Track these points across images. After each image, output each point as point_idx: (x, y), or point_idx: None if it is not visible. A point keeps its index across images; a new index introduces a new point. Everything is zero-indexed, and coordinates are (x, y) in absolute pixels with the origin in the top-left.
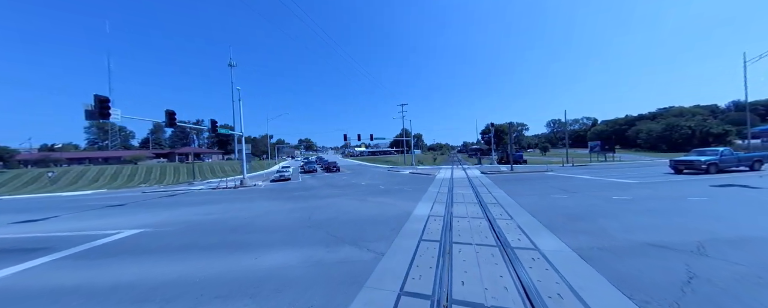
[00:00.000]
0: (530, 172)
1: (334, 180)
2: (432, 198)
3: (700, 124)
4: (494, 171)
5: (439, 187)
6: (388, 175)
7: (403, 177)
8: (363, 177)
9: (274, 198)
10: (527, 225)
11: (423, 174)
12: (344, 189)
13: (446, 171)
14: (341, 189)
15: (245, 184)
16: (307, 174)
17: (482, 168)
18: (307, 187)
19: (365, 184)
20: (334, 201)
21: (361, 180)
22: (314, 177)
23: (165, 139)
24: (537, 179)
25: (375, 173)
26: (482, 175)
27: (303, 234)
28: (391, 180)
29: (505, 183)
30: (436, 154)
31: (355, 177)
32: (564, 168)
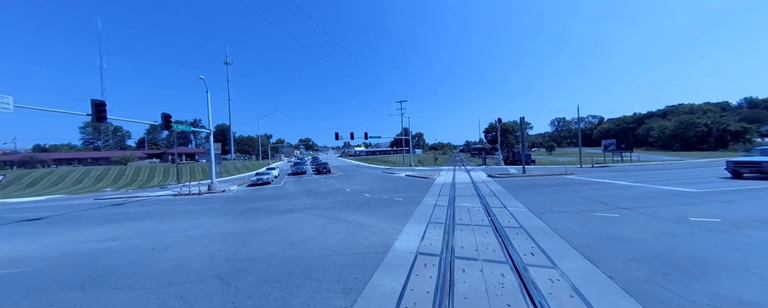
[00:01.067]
0: (546, 176)
1: (317, 185)
2: (426, 215)
3: (717, 121)
4: (503, 173)
5: (436, 197)
6: (381, 179)
7: (397, 182)
8: (351, 181)
9: (223, 212)
10: (588, 283)
11: (420, 177)
12: (321, 197)
13: (447, 174)
14: (318, 197)
15: (213, 189)
16: (294, 177)
17: (488, 169)
18: (280, 195)
19: (349, 191)
20: (295, 219)
21: (347, 185)
22: (299, 181)
23: (162, 139)
24: (559, 185)
25: (367, 176)
26: (490, 180)
27: (192, 295)
28: (382, 186)
29: (521, 192)
30: (438, 153)
31: (342, 180)
32: (584, 170)
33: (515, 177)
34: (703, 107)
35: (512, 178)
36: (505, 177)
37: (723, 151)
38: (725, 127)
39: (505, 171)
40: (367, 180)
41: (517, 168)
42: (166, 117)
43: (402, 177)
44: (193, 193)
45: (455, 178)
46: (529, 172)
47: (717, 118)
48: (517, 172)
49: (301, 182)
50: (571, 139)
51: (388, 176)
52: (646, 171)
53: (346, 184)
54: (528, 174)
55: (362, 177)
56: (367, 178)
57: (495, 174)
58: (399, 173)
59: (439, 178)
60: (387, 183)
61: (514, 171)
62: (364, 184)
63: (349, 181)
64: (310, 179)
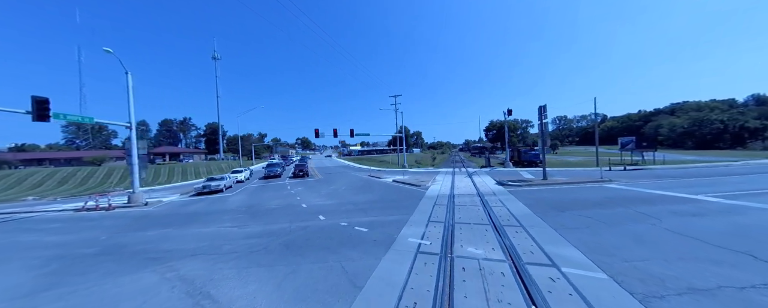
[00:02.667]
0: (577, 184)
1: (273, 197)
2: (393, 286)
3: (734, 117)
4: (516, 179)
5: (423, 227)
6: (360, 186)
7: (379, 192)
8: (321, 190)
9: (72, 250)
10: None
11: (410, 184)
12: (250, 222)
13: (445, 179)
14: (246, 222)
15: (134, 202)
16: (262, 182)
17: (494, 173)
18: (201, 214)
19: (305, 208)
20: (154, 282)
21: (310, 197)
22: (258, 190)
23: (150, 138)
24: (611, 203)
25: (347, 181)
26: (501, 190)
27: None
28: (355, 199)
29: (561, 218)
30: (436, 152)
31: (312, 189)
32: (615, 173)
33: (536, 186)
34: (710, 104)
35: (533, 188)
36: (521, 185)
37: (742, 150)
38: (742, 124)
39: (516, 175)
40: (342, 189)
41: (529, 171)
42: (39, 102)
43: (388, 183)
44: (101, 207)
45: (454, 187)
46: (551, 178)
47: (734, 114)
48: (536, 179)
49: (260, 191)
50: (572, 137)
51: (371, 182)
52: (709, 177)
53: (311, 195)
54: (551, 182)
55: (339, 184)
56: (344, 186)
57: (506, 180)
58: (387, 177)
59: (434, 186)
60: (364, 195)
61: (528, 175)
62: (334, 196)
63: (318, 190)
64: (277, 186)
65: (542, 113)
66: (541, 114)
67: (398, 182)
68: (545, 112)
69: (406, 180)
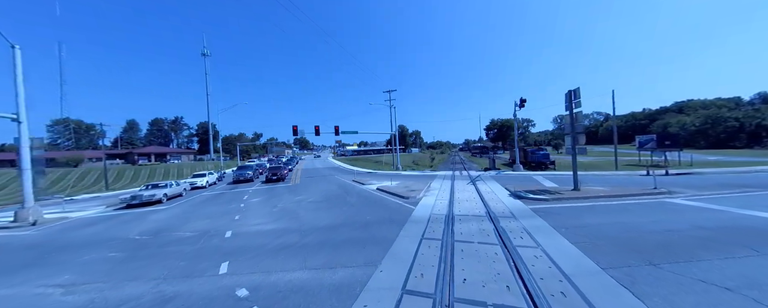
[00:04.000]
0: (625, 197)
1: (208, 214)
2: None
3: (750, 115)
4: (535, 188)
5: (394, 303)
6: (331, 198)
7: (348, 209)
8: (280, 202)
9: None
10: None
11: (395, 195)
12: (123, 266)
13: (442, 186)
14: (116, 266)
15: (21, 220)
16: (229, 187)
17: (502, 177)
18: (91, 242)
19: (226, 239)
20: None
21: (256, 215)
22: (213, 199)
23: (140, 138)
24: (730, 242)
25: (321, 190)
26: (520, 207)
27: None
28: (308, 223)
29: (667, 287)
30: (435, 152)
31: (272, 199)
32: (667, 180)
33: (568, 200)
34: (717, 103)
35: (566, 205)
36: (547, 199)
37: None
38: (759, 122)
39: (532, 182)
40: (306, 202)
41: (544, 176)
42: None
43: (370, 192)
44: None
45: (454, 201)
46: (584, 187)
47: (749, 112)
48: (562, 188)
49: (205, 203)
50: None
51: (350, 190)
52: None
53: (258, 213)
54: (587, 194)
55: (309, 193)
56: (315, 196)
57: (523, 190)
58: (372, 183)
59: (426, 200)
60: (328, 213)
61: (549, 183)
62: (287, 215)
63: (276, 203)
64: (235, 194)
65: (572, 99)
66: (571, 100)
67: (383, 191)
68: (577, 97)
69: (393, 188)
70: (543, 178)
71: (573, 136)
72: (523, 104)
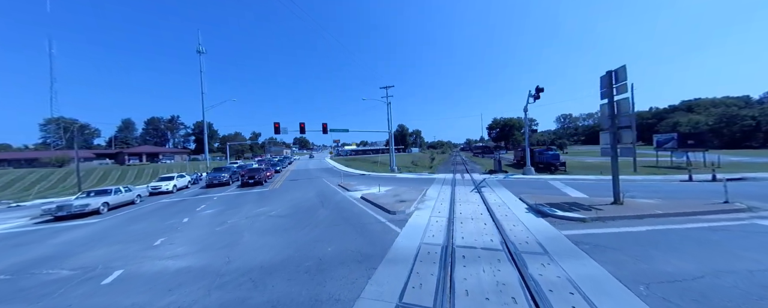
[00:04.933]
0: (691, 217)
1: (131, 235)
2: None
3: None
4: (558, 200)
5: None
6: (300, 211)
7: (312, 231)
8: (234, 216)
9: None
10: None
11: (380, 208)
12: None
13: (440, 195)
14: None
15: None
16: (204, 190)
17: (512, 183)
18: None
19: (102, 286)
20: None
21: (188, 239)
22: (161, 210)
23: (135, 138)
24: None
25: (295, 198)
26: (550, 231)
27: None
28: (246, 256)
29: None
30: (436, 152)
31: (228, 211)
32: (716, 188)
33: (619, 222)
34: (726, 101)
35: (623, 231)
36: (583, 219)
37: None
38: None
39: (551, 190)
40: (265, 217)
41: (563, 181)
42: None
43: (351, 202)
44: None
45: (454, 222)
46: (628, 200)
47: (766, 110)
48: (596, 199)
49: (147, 216)
50: (578, 136)
51: (328, 199)
52: None
53: (193, 235)
54: (638, 211)
55: (278, 203)
56: (282, 207)
57: (546, 204)
58: (358, 189)
59: (419, 215)
60: (280, 237)
61: (575, 192)
62: (225, 241)
63: (228, 217)
64: (193, 202)
65: (613, 83)
66: (611, 85)
67: (367, 201)
68: (621, 79)
69: (380, 197)
70: (561, 184)
71: (613, 132)
72: (539, 95)
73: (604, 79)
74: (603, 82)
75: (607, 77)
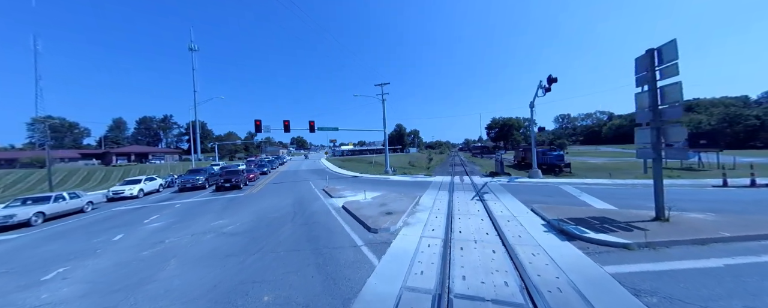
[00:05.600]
0: (764, 242)
1: (25, 262)
2: None
3: None
4: (585, 215)
5: None
6: (255, 230)
7: (257, 260)
8: (179, 232)
9: None
10: None
11: (362, 223)
12: None
13: (435, 202)
14: None
15: None
16: (177, 194)
17: (519, 189)
18: None
19: None
20: None
21: (80, 273)
22: (100, 224)
23: (126, 138)
24: None
25: (265, 207)
26: (597, 274)
27: None
28: (172, 291)
29: None
30: (434, 152)
31: (178, 224)
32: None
33: (677, 251)
34: (725, 101)
35: (691, 268)
36: (635, 252)
37: None
38: None
39: (575, 202)
40: (213, 236)
41: (572, 184)
42: None
43: (328, 213)
44: None
45: (452, 247)
46: (675, 217)
47: None
48: (628, 213)
49: (90, 227)
50: (576, 136)
51: (306, 207)
52: None
53: (101, 266)
54: (697, 234)
55: (246, 213)
56: (246, 218)
57: (569, 220)
58: (342, 195)
59: (407, 235)
60: (217, 268)
61: (598, 202)
62: (134, 276)
63: (172, 234)
64: (154, 209)
65: (654, 65)
66: (652, 66)
67: (348, 212)
68: (666, 59)
69: (364, 208)
70: (576, 190)
71: (656, 128)
72: (550, 87)
73: (643, 61)
74: (640, 65)
75: (646, 58)
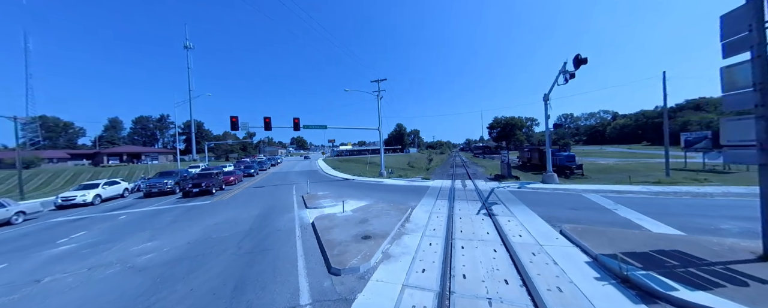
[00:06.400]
0: None
1: None
2: None
3: None
4: (648, 248)
5: None
6: (189, 259)
7: None
8: (87, 260)
9: None
10: None
11: (326, 252)
12: None
13: (431, 218)
14: None
15: None
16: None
17: (530, 196)
18: None
19: None
20: None
21: None
22: None
23: (122, 137)
24: None
25: (221, 222)
26: None
27: None
28: None
29: None
30: (434, 152)
31: (75, 253)
32: None
33: None
34: None
35: None
36: None
37: None
38: None
39: (618, 221)
40: (115, 268)
41: (596, 191)
42: None
43: (288, 233)
44: None
45: None
46: None
47: None
48: (706, 242)
49: None
50: (579, 136)
51: (270, 222)
52: None
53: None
54: None
55: (193, 231)
56: (188, 238)
57: (631, 258)
58: (317, 207)
59: (379, 286)
60: None
61: (654, 225)
62: None
63: (73, 262)
64: (92, 220)
65: (759, 23)
66: (761, 22)
67: (315, 231)
68: None
69: (335, 228)
70: (607, 201)
71: (765, 117)
72: (574, 74)
73: (741, 15)
74: (734, 22)
75: (750, 8)
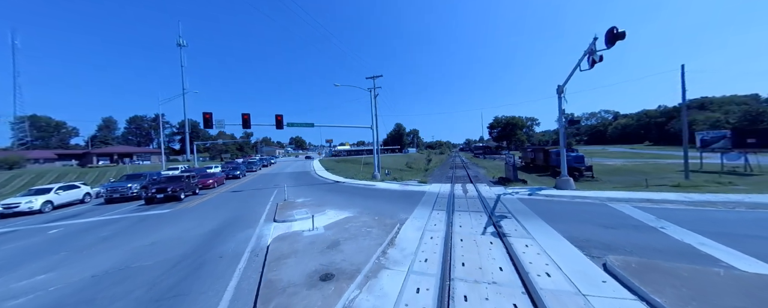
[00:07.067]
0: None
1: None
2: None
3: None
4: (726, 288)
5: None
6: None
7: None
8: None
9: None
10: None
11: (257, 295)
12: None
13: (423, 238)
14: None
15: None
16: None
17: (543, 206)
18: None
19: None
20: None
21: None
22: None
23: (116, 137)
24: None
25: (150, 244)
26: None
27: None
28: None
29: None
30: (433, 153)
31: None
32: None
33: None
34: (736, 99)
35: None
36: None
37: None
38: None
39: (674, 248)
40: None
41: (621, 200)
42: None
43: (230, 261)
44: None
45: None
46: None
47: None
48: None
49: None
50: (580, 136)
51: (216, 244)
52: None
53: None
54: None
55: (105, 256)
56: (100, 262)
57: None
58: (288, 220)
59: None
60: None
61: (745, 262)
62: None
63: None
64: (25, 235)
65: None
66: None
67: (264, 264)
68: None
69: (295, 254)
70: (647, 215)
71: None
72: (601, 57)
73: None
74: None
75: None
